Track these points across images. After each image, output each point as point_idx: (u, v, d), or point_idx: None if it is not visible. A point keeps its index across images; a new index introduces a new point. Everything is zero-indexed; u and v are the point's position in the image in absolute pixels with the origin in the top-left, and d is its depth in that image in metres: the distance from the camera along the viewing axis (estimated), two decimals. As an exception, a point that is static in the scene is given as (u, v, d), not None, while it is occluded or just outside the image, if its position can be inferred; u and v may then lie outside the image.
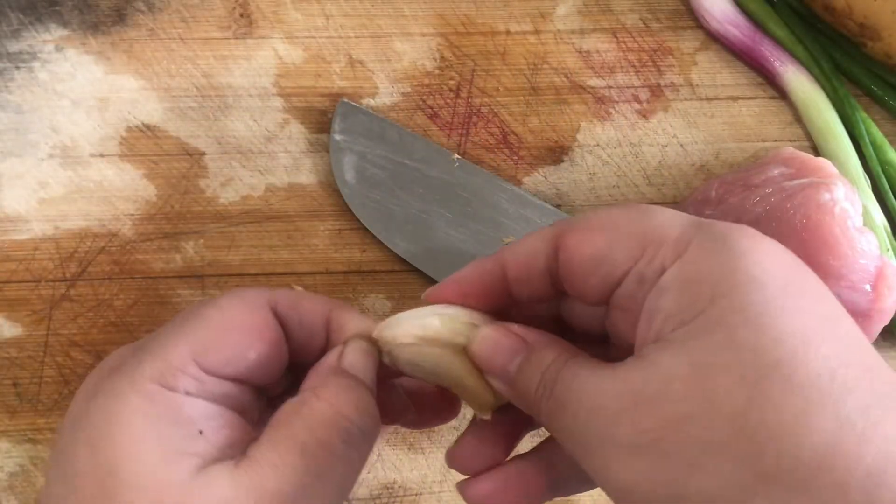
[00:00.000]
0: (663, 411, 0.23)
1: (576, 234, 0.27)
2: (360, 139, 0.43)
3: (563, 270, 0.27)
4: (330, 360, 0.29)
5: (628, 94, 0.46)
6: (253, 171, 0.43)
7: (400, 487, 0.37)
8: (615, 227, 0.26)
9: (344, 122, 0.43)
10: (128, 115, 0.44)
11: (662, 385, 0.23)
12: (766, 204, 0.37)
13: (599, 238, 0.26)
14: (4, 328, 0.39)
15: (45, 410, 0.38)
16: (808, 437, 0.21)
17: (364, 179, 0.42)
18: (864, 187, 0.42)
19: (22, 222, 0.41)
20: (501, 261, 0.29)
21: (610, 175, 0.44)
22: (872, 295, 0.36)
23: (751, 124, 0.46)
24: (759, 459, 0.22)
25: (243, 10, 0.46)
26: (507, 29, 0.47)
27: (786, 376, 0.22)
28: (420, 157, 0.43)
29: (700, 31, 0.47)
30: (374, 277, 0.41)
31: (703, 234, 0.25)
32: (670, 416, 0.23)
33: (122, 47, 0.45)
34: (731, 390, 0.22)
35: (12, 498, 0.36)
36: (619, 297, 0.26)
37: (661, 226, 0.26)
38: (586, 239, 0.27)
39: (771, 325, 0.23)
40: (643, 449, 0.23)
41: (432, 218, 0.41)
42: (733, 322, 0.23)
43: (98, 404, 0.26)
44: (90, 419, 0.26)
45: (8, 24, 0.45)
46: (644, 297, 0.25)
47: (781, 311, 0.23)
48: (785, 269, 0.24)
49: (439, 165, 0.43)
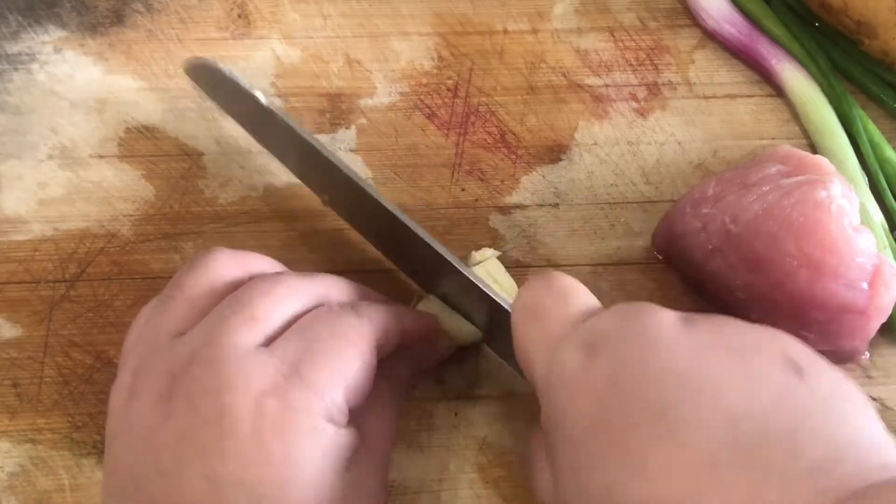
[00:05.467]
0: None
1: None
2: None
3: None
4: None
5: (626, 92, 0.46)
6: (252, 172, 0.43)
7: (399, 486, 0.37)
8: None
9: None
10: (126, 116, 0.44)
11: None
12: (763, 201, 0.37)
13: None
14: (4, 329, 0.40)
15: (45, 410, 0.38)
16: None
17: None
18: (862, 185, 0.42)
19: (21, 223, 0.42)
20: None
21: (608, 174, 0.44)
22: (870, 293, 0.36)
23: (748, 122, 0.46)
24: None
25: (241, 11, 0.46)
26: (504, 28, 0.47)
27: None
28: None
29: (697, 30, 0.48)
30: (373, 277, 0.41)
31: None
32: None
33: (120, 48, 0.45)
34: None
35: (12, 498, 0.36)
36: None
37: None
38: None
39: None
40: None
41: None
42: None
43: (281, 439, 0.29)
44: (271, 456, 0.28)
45: (7, 26, 0.45)
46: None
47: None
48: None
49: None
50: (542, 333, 0.30)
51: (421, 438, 0.38)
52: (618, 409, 0.26)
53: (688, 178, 0.44)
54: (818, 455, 0.23)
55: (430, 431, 0.38)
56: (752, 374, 0.25)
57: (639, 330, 0.27)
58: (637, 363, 0.27)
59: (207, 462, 0.28)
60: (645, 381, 0.26)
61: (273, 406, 0.28)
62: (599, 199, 0.43)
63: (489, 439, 0.38)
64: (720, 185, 0.39)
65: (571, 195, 0.43)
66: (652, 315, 0.28)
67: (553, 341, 0.29)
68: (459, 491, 0.37)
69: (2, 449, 0.37)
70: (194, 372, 0.29)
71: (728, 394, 0.25)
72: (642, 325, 0.28)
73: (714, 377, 0.25)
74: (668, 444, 0.24)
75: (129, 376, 0.31)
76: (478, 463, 0.38)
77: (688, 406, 0.25)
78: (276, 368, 0.29)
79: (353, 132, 0.44)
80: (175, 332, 0.32)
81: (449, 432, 0.38)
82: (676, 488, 0.24)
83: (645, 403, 0.25)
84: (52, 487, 0.37)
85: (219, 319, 0.31)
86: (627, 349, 0.27)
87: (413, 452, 0.38)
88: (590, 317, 0.30)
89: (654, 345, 0.27)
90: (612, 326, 0.28)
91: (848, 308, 0.36)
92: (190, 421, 0.29)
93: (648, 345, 0.27)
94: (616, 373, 0.27)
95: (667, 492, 0.24)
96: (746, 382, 0.25)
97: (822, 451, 0.23)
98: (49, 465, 0.37)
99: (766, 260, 0.36)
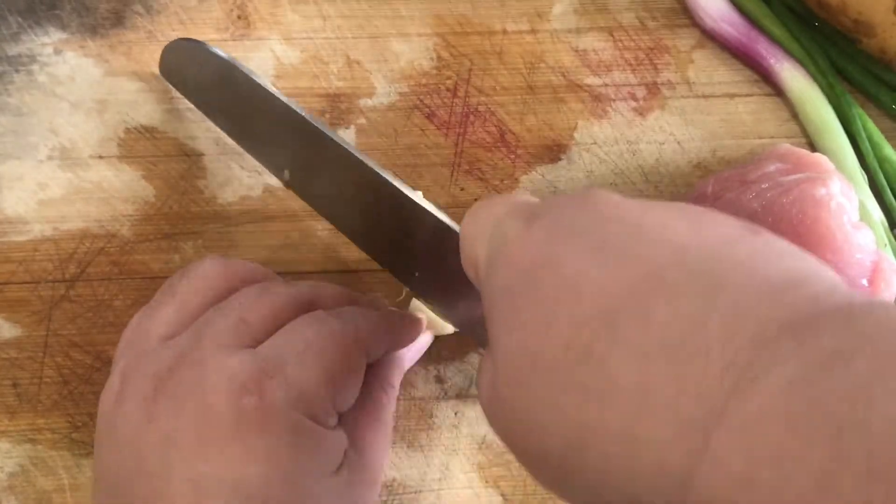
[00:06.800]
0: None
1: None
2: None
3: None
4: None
5: (625, 92, 0.46)
6: (251, 172, 0.43)
7: (399, 485, 0.37)
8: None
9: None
10: (126, 117, 0.44)
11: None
12: (762, 199, 0.37)
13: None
14: (4, 329, 0.40)
15: (45, 411, 0.38)
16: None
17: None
18: (861, 183, 0.42)
19: (21, 224, 0.42)
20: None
21: (607, 173, 0.44)
22: (869, 290, 0.36)
23: (747, 121, 0.46)
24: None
25: (241, 12, 0.47)
26: (503, 28, 0.47)
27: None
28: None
29: (696, 30, 0.48)
30: (373, 277, 0.41)
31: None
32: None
33: (120, 50, 0.45)
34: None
35: (12, 498, 0.36)
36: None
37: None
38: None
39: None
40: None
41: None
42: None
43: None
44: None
45: (7, 28, 0.45)
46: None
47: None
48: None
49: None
50: (487, 217, 0.28)
51: (421, 438, 0.38)
52: (554, 249, 0.23)
53: (687, 177, 0.44)
54: (780, 275, 0.20)
55: (430, 431, 0.38)
56: (702, 224, 0.23)
57: (583, 195, 0.25)
58: (578, 215, 0.24)
59: (191, 462, 0.28)
60: (584, 226, 0.24)
61: (255, 405, 0.28)
62: (599, 199, 0.43)
63: (489, 439, 0.38)
64: (719, 183, 0.39)
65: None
66: (600, 190, 0.26)
67: (497, 220, 0.27)
68: (459, 490, 0.37)
69: (1, 449, 0.37)
70: (179, 374, 0.29)
71: (674, 233, 0.22)
72: (587, 195, 0.25)
73: (659, 222, 0.23)
74: (607, 265, 0.22)
75: (118, 379, 0.31)
76: (477, 462, 0.38)
77: (629, 239, 0.22)
78: (260, 369, 0.29)
79: (353, 132, 0.44)
80: (164, 336, 0.32)
81: (449, 432, 0.38)
82: (616, 300, 0.21)
83: (583, 240, 0.23)
84: (52, 487, 0.37)
85: (207, 324, 0.31)
86: (569, 207, 0.25)
87: (413, 452, 0.38)
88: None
89: (596, 202, 0.25)
90: (556, 198, 0.27)
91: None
92: (174, 422, 0.29)
93: (591, 202, 0.25)
94: (555, 226, 0.24)
95: (605, 303, 0.21)
96: (695, 226, 0.23)
97: (784, 273, 0.21)
98: (49, 465, 0.37)
99: (765, 257, 0.36)
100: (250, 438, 0.28)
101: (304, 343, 0.31)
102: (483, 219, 0.28)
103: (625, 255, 0.22)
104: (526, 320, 0.23)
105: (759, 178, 0.38)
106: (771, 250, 0.22)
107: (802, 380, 0.18)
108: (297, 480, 0.29)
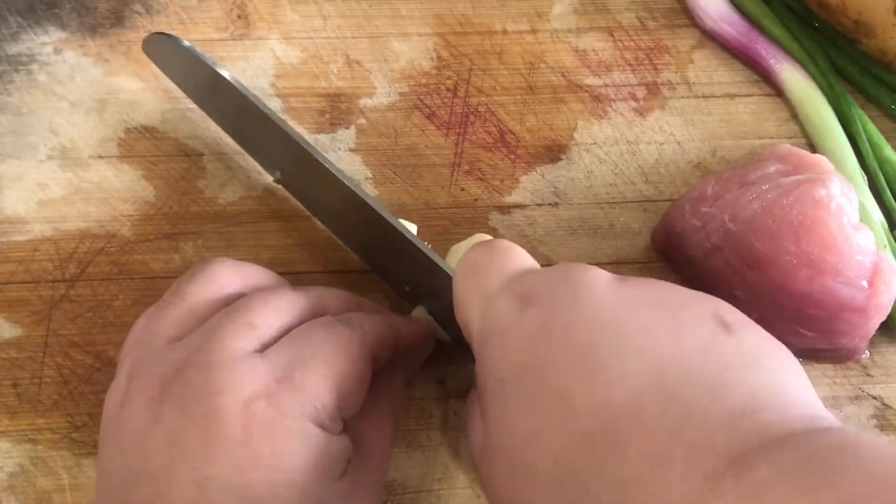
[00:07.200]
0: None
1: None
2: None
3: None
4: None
5: (625, 92, 0.46)
6: (251, 172, 0.43)
7: (399, 485, 0.37)
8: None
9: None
10: (126, 117, 0.44)
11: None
12: (762, 200, 0.37)
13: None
14: (4, 329, 0.40)
15: (45, 411, 0.38)
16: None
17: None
18: (861, 184, 0.42)
19: (21, 224, 0.42)
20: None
21: (607, 173, 0.44)
22: (869, 291, 0.36)
23: (747, 122, 0.46)
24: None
25: (241, 12, 0.47)
26: (503, 28, 0.47)
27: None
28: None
29: (696, 30, 0.48)
30: (373, 277, 0.41)
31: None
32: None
33: (120, 49, 0.45)
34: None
35: (12, 498, 0.36)
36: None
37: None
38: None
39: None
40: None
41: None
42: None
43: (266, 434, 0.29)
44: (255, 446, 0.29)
45: (7, 27, 0.45)
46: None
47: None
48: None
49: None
50: (479, 288, 0.30)
51: (421, 438, 0.38)
52: (545, 352, 0.26)
53: (687, 177, 0.44)
54: (741, 400, 0.23)
55: (430, 431, 0.38)
56: (679, 326, 0.26)
57: (572, 283, 0.28)
58: (567, 311, 0.27)
59: (196, 465, 0.28)
60: (573, 326, 0.26)
61: (263, 409, 0.28)
62: (599, 199, 0.43)
63: (489, 439, 0.38)
64: (719, 183, 0.39)
65: (571, 195, 0.44)
66: (586, 271, 0.28)
67: (490, 294, 0.30)
68: (459, 490, 0.37)
69: (1, 449, 0.37)
70: (186, 376, 0.29)
71: (654, 341, 0.25)
72: (576, 279, 0.28)
73: (641, 326, 0.26)
74: (592, 382, 0.25)
75: (124, 380, 0.31)
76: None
77: (613, 350, 0.25)
78: (268, 373, 0.29)
79: (353, 132, 0.44)
80: (172, 337, 0.32)
81: (449, 432, 0.38)
82: (598, 425, 0.24)
83: (571, 346, 0.26)
84: (52, 487, 0.37)
85: (215, 326, 0.31)
86: (559, 299, 0.28)
87: (413, 452, 0.38)
88: (526, 274, 0.30)
89: (585, 296, 0.27)
90: (546, 280, 0.29)
91: (847, 306, 0.36)
92: (180, 424, 0.29)
93: (579, 295, 0.27)
94: (546, 320, 0.27)
95: (589, 426, 0.24)
96: (673, 332, 0.26)
97: (745, 397, 0.23)
98: (49, 465, 0.37)
99: (765, 258, 0.36)
100: (257, 443, 0.28)
101: (312, 349, 0.30)
102: (475, 289, 0.30)
103: (607, 370, 0.25)
104: (518, 428, 0.26)
105: (760, 179, 0.37)
106: (741, 360, 0.25)
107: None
108: (302, 486, 0.29)
